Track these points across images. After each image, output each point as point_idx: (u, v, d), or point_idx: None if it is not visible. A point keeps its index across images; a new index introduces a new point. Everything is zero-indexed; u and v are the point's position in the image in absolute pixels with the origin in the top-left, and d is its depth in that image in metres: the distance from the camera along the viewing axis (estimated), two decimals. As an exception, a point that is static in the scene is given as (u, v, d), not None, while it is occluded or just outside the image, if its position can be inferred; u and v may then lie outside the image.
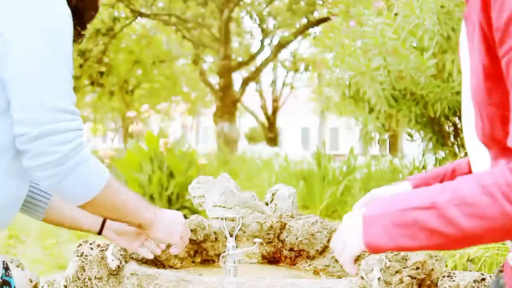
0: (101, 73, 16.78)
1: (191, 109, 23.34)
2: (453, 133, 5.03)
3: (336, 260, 1.93)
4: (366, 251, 1.02)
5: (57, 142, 1.17)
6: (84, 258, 1.84)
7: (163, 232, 1.44)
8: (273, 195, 2.26)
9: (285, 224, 2.08)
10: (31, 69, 1.18)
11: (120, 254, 1.81)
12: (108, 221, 1.54)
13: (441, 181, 1.30)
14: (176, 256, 2.01)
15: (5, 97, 1.21)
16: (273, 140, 22.43)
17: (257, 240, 1.92)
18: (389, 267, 1.73)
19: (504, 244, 2.76)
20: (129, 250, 1.55)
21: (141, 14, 16.46)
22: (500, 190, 0.86)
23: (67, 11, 1.26)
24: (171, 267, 1.98)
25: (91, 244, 1.89)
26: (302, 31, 16.85)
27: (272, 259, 2.10)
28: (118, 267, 1.77)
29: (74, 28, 1.35)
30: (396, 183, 1.42)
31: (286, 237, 2.08)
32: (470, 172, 1.14)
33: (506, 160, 0.92)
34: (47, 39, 1.20)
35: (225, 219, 1.91)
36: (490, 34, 0.96)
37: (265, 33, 18.98)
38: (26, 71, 1.18)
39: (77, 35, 1.41)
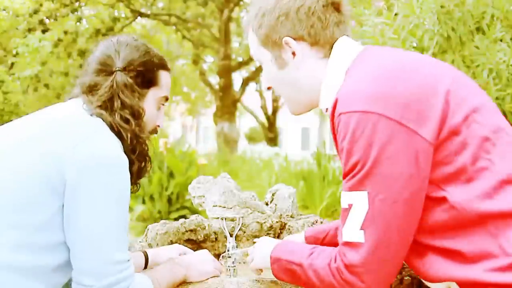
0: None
1: (191, 109, 23.36)
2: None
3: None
4: None
5: None
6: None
7: (198, 276, 1.63)
8: (273, 195, 2.26)
9: (285, 224, 2.08)
10: (101, 227, 1.37)
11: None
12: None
13: (324, 238, 1.77)
14: (176, 256, 2.01)
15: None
16: (273, 140, 22.43)
17: (257, 240, 1.92)
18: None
19: None
20: None
21: (141, 14, 16.45)
22: (330, 270, 1.32)
23: (127, 167, 1.43)
24: (171, 267, 1.98)
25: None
26: (302, 31, 16.82)
27: (272, 259, 2.10)
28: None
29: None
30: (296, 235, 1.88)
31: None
32: None
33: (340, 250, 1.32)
34: (117, 201, 1.39)
35: (225, 219, 1.91)
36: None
37: (265, 33, 18.95)
38: (93, 227, 1.37)
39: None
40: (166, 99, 1.65)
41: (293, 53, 1.44)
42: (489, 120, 1.31)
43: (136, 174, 1.56)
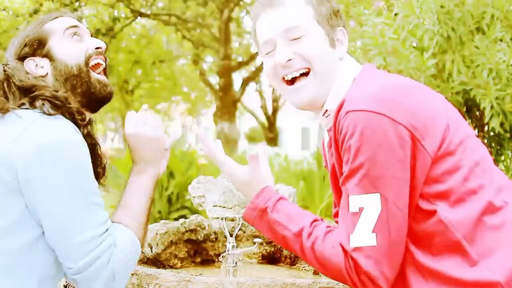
0: (101, 73, 16.70)
1: (191, 109, 23.33)
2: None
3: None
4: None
5: (98, 268, 1.39)
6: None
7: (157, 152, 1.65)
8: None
9: (285, 224, 2.08)
10: (62, 214, 1.37)
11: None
12: None
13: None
14: (176, 256, 2.01)
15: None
16: (273, 140, 22.42)
17: (257, 240, 1.92)
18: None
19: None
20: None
21: (141, 14, 16.45)
22: (345, 266, 1.30)
23: (79, 144, 1.42)
24: (171, 267, 1.99)
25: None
26: (302, 31, 16.81)
27: (272, 259, 2.10)
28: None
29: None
30: None
31: (286, 237, 2.08)
32: None
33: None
34: (72, 181, 1.38)
35: (225, 219, 1.91)
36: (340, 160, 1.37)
37: (265, 33, 18.94)
38: (56, 215, 1.38)
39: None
40: (73, 26, 1.62)
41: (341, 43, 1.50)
42: (478, 149, 1.38)
43: (95, 103, 1.58)
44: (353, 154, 1.28)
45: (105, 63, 1.63)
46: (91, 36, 1.67)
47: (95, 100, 1.59)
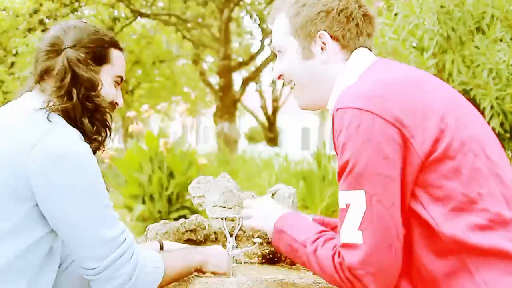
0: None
1: (191, 109, 23.30)
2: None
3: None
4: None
5: (120, 266, 1.45)
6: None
7: (215, 266, 1.68)
8: (273, 195, 2.26)
9: (285, 224, 2.08)
10: (80, 220, 1.43)
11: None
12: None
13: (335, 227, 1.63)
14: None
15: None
16: (273, 140, 22.42)
17: (257, 240, 1.92)
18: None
19: None
20: None
21: (141, 14, 16.45)
22: (333, 263, 1.32)
23: (89, 154, 1.47)
24: (171, 267, 1.98)
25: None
26: (302, 31, 16.80)
27: (272, 259, 2.10)
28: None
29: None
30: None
31: (286, 237, 2.08)
32: None
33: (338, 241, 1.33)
34: (87, 191, 1.43)
35: (225, 219, 1.90)
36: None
37: (265, 33, 18.95)
38: (76, 220, 1.43)
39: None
40: (121, 78, 1.65)
41: (322, 48, 1.47)
42: (487, 154, 1.31)
43: (99, 143, 1.60)
44: (340, 151, 1.29)
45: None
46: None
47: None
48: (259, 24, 19.29)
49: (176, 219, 3.69)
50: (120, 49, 1.65)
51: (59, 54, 1.54)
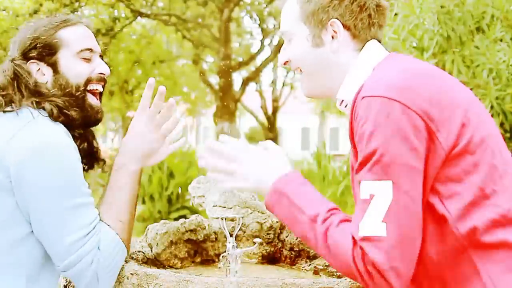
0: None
1: (191, 109, 23.32)
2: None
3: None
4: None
5: (81, 269, 1.45)
6: (84, 258, 1.84)
7: (135, 148, 1.63)
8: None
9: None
10: (48, 215, 1.42)
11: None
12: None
13: None
14: (176, 256, 2.01)
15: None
16: (273, 140, 22.29)
17: (257, 240, 1.92)
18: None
19: None
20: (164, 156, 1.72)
21: (141, 14, 16.43)
22: (352, 254, 1.22)
23: (69, 149, 1.46)
24: (171, 267, 1.99)
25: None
26: (302, 31, 16.78)
27: (272, 259, 2.10)
28: (118, 267, 1.77)
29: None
30: None
31: (286, 237, 2.08)
32: None
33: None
34: (62, 185, 1.42)
35: (225, 219, 1.90)
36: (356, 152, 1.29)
37: (265, 33, 18.95)
38: (44, 217, 1.42)
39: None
40: (89, 50, 1.62)
41: (332, 37, 1.45)
42: (500, 151, 1.31)
43: (84, 124, 1.59)
44: (367, 140, 1.24)
45: (103, 88, 1.66)
46: (100, 56, 1.66)
47: (83, 121, 1.60)
48: (259, 24, 19.28)
49: (176, 219, 3.69)
50: (73, 23, 1.62)
51: (9, 68, 1.57)
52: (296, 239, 2.07)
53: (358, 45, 1.45)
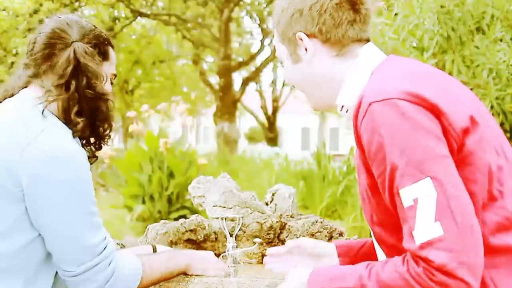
0: (101, 73, 16.70)
1: (191, 109, 23.30)
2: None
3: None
4: None
5: (97, 272, 1.45)
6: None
7: (200, 269, 1.68)
8: (273, 195, 2.26)
9: (285, 224, 2.08)
10: (66, 223, 1.43)
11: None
12: None
13: (361, 247, 1.61)
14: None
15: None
16: (273, 140, 22.42)
17: (257, 240, 1.92)
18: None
19: None
20: None
21: (141, 14, 16.44)
22: (411, 276, 1.16)
23: (82, 158, 1.47)
24: (171, 267, 1.98)
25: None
26: (302, 31, 16.79)
27: (272, 259, 2.10)
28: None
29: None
30: (320, 242, 1.72)
31: (286, 237, 2.08)
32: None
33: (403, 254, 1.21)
34: (76, 194, 1.43)
35: (225, 219, 1.90)
36: (365, 159, 1.27)
37: (265, 33, 18.96)
38: (60, 223, 1.43)
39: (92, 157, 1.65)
40: (115, 76, 1.68)
41: (306, 49, 1.45)
42: (505, 154, 1.30)
43: (100, 136, 1.61)
44: (388, 146, 1.19)
45: None
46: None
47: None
48: (259, 24, 19.29)
49: (176, 219, 3.69)
50: (113, 47, 1.67)
51: (66, 47, 1.52)
52: (296, 239, 2.06)
53: (333, 50, 1.43)
